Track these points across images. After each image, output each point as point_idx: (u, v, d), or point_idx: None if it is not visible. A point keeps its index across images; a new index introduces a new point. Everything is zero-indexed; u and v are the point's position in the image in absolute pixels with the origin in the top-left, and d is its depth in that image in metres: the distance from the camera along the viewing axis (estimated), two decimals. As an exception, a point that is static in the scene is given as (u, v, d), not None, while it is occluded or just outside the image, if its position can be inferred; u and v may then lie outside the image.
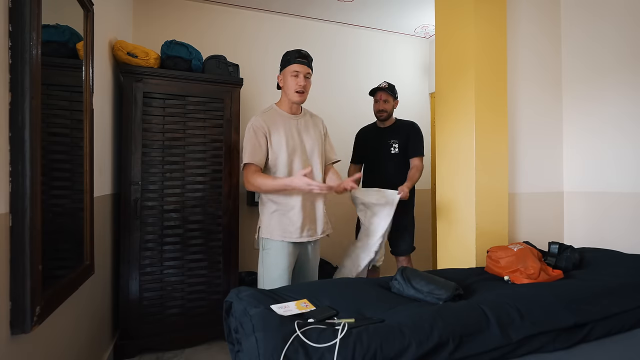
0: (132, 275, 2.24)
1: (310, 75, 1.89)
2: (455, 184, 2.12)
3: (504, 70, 2.07)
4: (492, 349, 1.16)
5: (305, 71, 1.85)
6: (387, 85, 2.58)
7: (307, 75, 1.86)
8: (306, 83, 1.86)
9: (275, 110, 1.91)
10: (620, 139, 2.03)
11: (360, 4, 3.20)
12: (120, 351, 2.21)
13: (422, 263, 3.48)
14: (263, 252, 1.85)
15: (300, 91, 1.85)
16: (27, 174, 1.02)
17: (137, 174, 2.26)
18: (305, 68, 1.85)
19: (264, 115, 1.87)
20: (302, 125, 1.93)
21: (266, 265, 1.83)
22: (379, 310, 1.28)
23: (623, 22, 2.02)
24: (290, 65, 1.84)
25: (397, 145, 2.56)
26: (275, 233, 1.82)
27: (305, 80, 1.86)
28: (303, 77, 1.84)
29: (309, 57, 1.88)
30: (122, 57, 2.21)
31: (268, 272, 1.82)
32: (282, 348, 0.99)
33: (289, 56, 1.86)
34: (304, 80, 1.85)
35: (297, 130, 1.89)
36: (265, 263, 1.84)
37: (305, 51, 1.87)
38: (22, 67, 1.02)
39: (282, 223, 1.82)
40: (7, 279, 1.00)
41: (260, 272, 1.86)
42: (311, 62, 1.90)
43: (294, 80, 1.84)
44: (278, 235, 1.82)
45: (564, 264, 1.75)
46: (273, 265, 1.82)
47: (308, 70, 1.87)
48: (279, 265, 1.81)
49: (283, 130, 1.85)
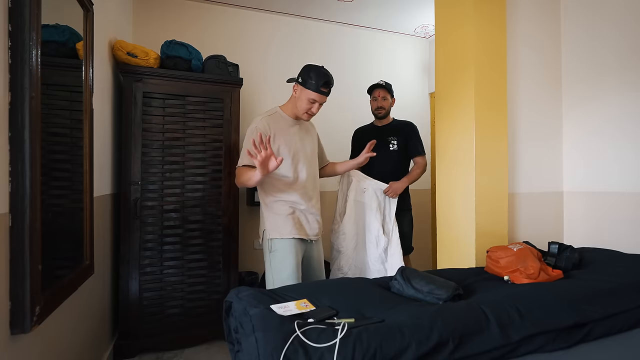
0: (132, 275, 2.24)
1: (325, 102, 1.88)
2: (455, 184, 2.12)
3: (503, 70, 2.07)
4: (491, 349, 1.16)
5: (322, 100, 1.86)
6: (385, 83, 2.59)
7: (322, 103, 1.87)
8: (318, 110, 1.89)
9: (280, 115, 1.92)
10: (620, 138, 2.03)
11: (360, 4, 3.20)
12: (120, 351, 2.21)
13: (422, 263, 3.48)
14: (270, 255, 1.85)
15: (311, 115, 1.89)
16: (26, 174, 1.02)
17: (137, 174, 2.26)
18: (324, 98, 1.86)
19: (269, 119, 1.87)
20: (302, 131, 1.97)
21: (275, 267, 1.83)
22: (379, 310, 1.28)
23: (623, 22, 2.02)
24: (312, 92, 1.81)
25: (395, 142, 2.56)
26: (285, 231, 1.83)
27: (319, 108, 1.88)
28: (318, 105, 1.86)
29: (332, 85, 1.86)
30: (122, 57, 2.21)
31: (278, 273, 1.82)
32: (282, 348, 0.99)
33: (315, 78, 1.80)
34: (318, 108, 1.87)
35: (298, 135, 1.93)
36: (274, 264, 1.83)
37: (331, 79, 1.84)
38: (22, 67, 1.02)
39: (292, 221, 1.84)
40: (6, 279, 1.00)
41: (269, 275, 1.85)
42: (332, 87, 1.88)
43: (309, 105, 1.85)
44: (287, 232, 1.83)
45: (563, 264, 1.75)
46: (282, 265, 1.82)
47: (326, 99, 1.87)
48: (289, 265, 1.82)
49: (287, 134, 1.88)
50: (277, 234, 1.84)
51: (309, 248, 1.95)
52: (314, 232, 1.94)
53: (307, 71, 1.83)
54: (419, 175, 2.52)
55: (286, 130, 1.89)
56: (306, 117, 1.90)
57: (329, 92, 1.86)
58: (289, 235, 1.83)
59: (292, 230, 1.84)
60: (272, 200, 1.88)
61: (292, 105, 1.92)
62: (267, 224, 1.88)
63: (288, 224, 1.84)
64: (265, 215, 1.90)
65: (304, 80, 1.82)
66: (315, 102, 1.84)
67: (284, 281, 1.79)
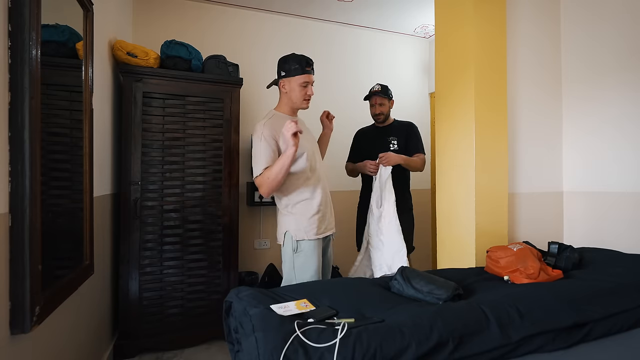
0: (132, 275, 2.24)
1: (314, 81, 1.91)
2: (455, 183, 2.12)
3: (503, 70, 2.07)
4: (491, 349, 1.16)
5: (312, 80, 1.87)
6: (380, 88, 2.58)
7: (313, 84, 1.88)
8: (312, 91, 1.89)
9: (278, 116, 1.91)
10: (620, 139, 2.03)
11: (360, 4, 3.20)
12: (119, 351, 2.21)
13: (422, 263, 3.48)
14: (295, 255, 1.82)
15: (309, 99, 1.89)
16: (26, 173, 1.02)
17: (136, 174, 2.26)
18: (313, 77, 1.88)
19: (271, 122, 1.83)
20: (302, 126, 1.94)
21: (298, 267, 1.81)
22: (379, 310, 1.28)
23: (623, 21, 2.02)
24: (301, 76, 1.83)
25: (396, 142, 2.57)
26: (312, 232, 1.83)
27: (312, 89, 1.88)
28: (311, 86, 1.87)
29: (312, 63, 1.89)
30: (122, 57, 2.21)
31: (301, 273, 1.81)
32: (281, 348, 0.99)
33: (297, 64, 1.82)
34: (311, 89, 1.88)
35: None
36: (297, 264, 1.82)
37: (309, 58, 1.87)
38: (22, 67, 1.02)
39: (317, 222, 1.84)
40: (6, 279, 1.00)
41: (290, 273, 1.83)
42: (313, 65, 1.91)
43: (304, 90, 1.85)
44: (314, 234, 1.83)
45: (563, 264, 1.75)
46: (306, 265, 1.81)
47: (313, 78, 1.89)
48: (312, 265, 1.82)
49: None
50: (304, 234, 1.82)
51: (326, 243, 1.98)
52: (332, 225, 1.96)
53: (285, 62, 1.86)
54: (417, 164, 2.51)
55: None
56: (305, 103, 1.89)
57: (313, 69, 1.88)
58: (315, 236, 1.83)
59: (318, 230, 1.84)
60: (295, 201, 1.85)
61: (286, 103, 1.91)
62: (291, 225, 1.84)
63: (314, 224, 1.83)
64: (288, 217, 1.86)
65: (287, 70, 1.84)
66: (307, 84, 1.85)
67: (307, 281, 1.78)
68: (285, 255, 1.86)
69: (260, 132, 1.77)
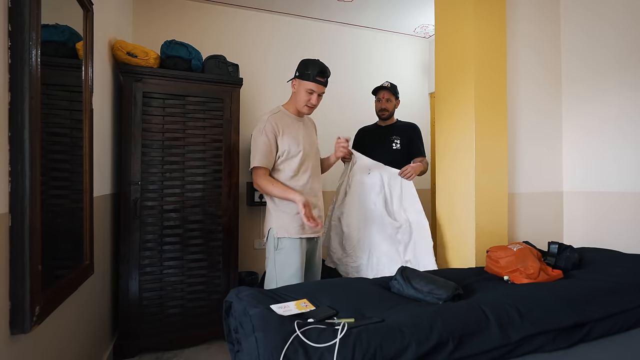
0: (132, 275, 2.24)
1: (324, 93, 1.90)
2: (455, 183, 2.12)
3: (503, 70, 2.07)
4: (491, 349, 1.16)
5: (320, 90, 1.87)
6: (389, 85, 2.59)
7: (321, 94, 1.89)
8: (318, 101, 1.89)
9: (284, 112, 1.94)
10: (620, 138, 2.03)
11: (360, 4, 3.20)
12: (119, 351, 2.21)
13: (422, 263, 3.47)
14: (275, 252, 1.85)
15: (311, 107, 1.90)
16: (26, 173, 1.02)
17: (136, 174, 2.26)
18: (322, 88, 1.87)
19: (275, 117, 1.88)
20: (306, 127, 1.99)
21: (279, 264, 1.83)
22: (379, 310, 1.28)
23: (623, 21, 2.02)
24: (308, 82, 1.84)
25: (398, 142, 2.56)
26: (293, 230, 1.84)
27: (318, 99, 1.89)
28: (317, 95, 1.87)
29: (328, 75, 1.88)
30: (122, 57, 2.21)
31: (281, 270, 1.82)
32: (281, 348, 0.99)
33: (310, 69, 1.84)
34: (317, 99, 1.88)
35: (302, 132, 1.95)
36: (278, 262, 1.83)
37: (327, 69, 1.87)
38: (22, 67, 1.02)
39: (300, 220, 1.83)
40: (6, 279, 1.00)
41: (272, 271, 1.85)
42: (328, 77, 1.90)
43: (308, 96, 1.86)
44: (295, 232, 1.84)
45: (563, 264, 1.75)
46: (287, 263, 1.82)
47: (324, 89, 1.89)
48: (293, 264, 1.82)
49: (294, 131, 1.90)
50: (285, 232, 1.84)
51: (312, 246, 1.96)
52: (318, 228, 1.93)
53: (303, 64, 1.88)
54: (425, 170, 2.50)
55: (292, 127, 1.91)
56: (307, 109, 1.91)
57: (325, 82, 1.88)
58: (297, 234, 1.84)
59: (300, 229, 1.85)
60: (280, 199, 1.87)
61: (293, 102, 1.94)
62: (274, 222, 1.87)
63: (296, 223, 1.84)
64: (273, 214, 1.89)
65: (301, 73, 1.87)
66: (313, 93, 1.86)
67: (287, 280, 1.79)
68: (268, 252, 1.88)
69: (263, 126, 1.83)
